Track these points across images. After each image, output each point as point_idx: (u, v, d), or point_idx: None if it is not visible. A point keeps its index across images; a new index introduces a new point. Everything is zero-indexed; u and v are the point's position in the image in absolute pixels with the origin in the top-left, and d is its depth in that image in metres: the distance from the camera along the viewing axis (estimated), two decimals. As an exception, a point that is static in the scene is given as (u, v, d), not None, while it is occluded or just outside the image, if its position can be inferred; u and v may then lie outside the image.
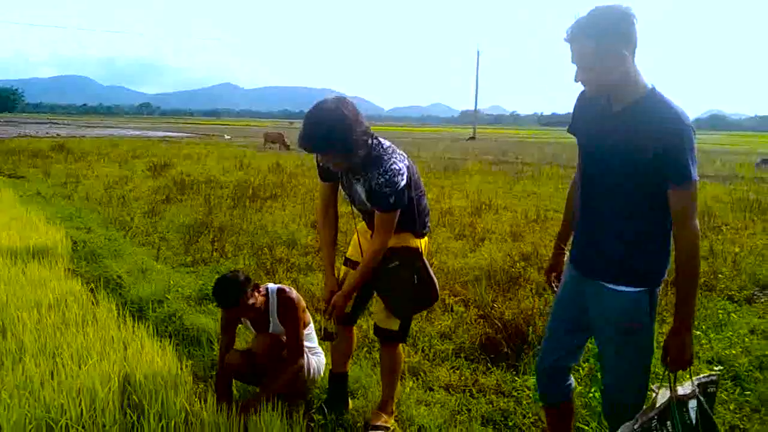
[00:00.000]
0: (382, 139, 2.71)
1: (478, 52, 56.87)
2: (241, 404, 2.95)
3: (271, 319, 3.14)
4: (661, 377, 2.10)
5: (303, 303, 3.20)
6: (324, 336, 2.98)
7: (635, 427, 2.04)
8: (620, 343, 2.15)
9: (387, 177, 2.58)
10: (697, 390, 2.04)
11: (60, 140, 24.45)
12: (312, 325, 3.34)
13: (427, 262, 2.84)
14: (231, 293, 2.92)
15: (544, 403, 2.52)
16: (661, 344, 2.07)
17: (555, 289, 2.57)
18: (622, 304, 2.10)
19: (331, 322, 2.88)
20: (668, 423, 2.02)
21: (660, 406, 2.04)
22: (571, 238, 2.37)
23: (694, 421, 2.01)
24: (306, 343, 3.20)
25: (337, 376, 3.13)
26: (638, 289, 2.07)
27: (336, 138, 2.47)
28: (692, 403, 2.03)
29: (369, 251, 2.73)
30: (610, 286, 2.11)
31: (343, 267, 3.00)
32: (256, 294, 3.01)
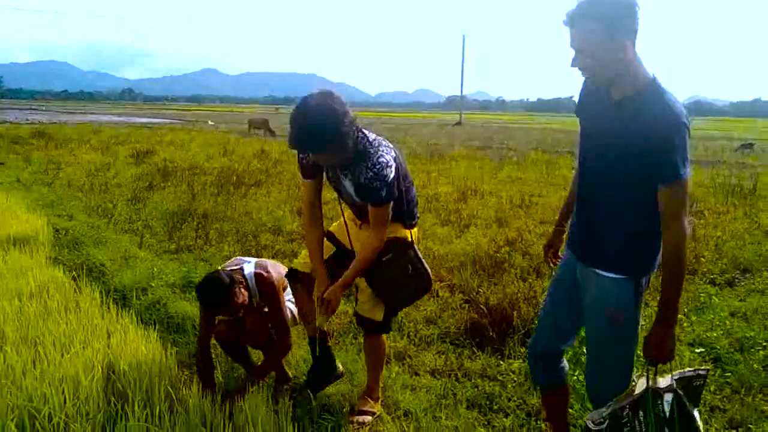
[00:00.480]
0: (367, 132, 2.68)
1: (463, 37, 56.65)
2: (231, 391, 2.97)
3: (254, 301, 3.10)
4: (642, 368, 2.10)
5: (281, 280, 3.13)
6: (320, 334, 2.96)
7: (604, 414, 2.06)
8: (604, 330, 2.16)
9: (376, 170, 2.56)
10: (675, 384, 2.04)
11: (40, 126, 24.06)
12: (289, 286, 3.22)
13: (419, 252, 2.84)
14: (219, 297, 2.88)
15: (538, 387, 2.55)
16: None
17: (551, 265, 2.59)
18: (608, 290, 2.11)
19: (324, 318, 2.83)
20: (641, 414, 2.03)
21: (635, 396, 2.05)
22: (570, 220, 2.37)
23: (667, 414, 2.02)
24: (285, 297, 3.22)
25: (315, 340, 2.99)
26: (624, 277, 2.08)
27: (328, 135, 2.44)
28: (668, 396, 2.02)
29: (366, 247, 2.70)
30: (599, 271, 2.13)
31: (326, 242, 2.94)
32: (242, 290, 2.96)
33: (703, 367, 2.16)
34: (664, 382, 2.04)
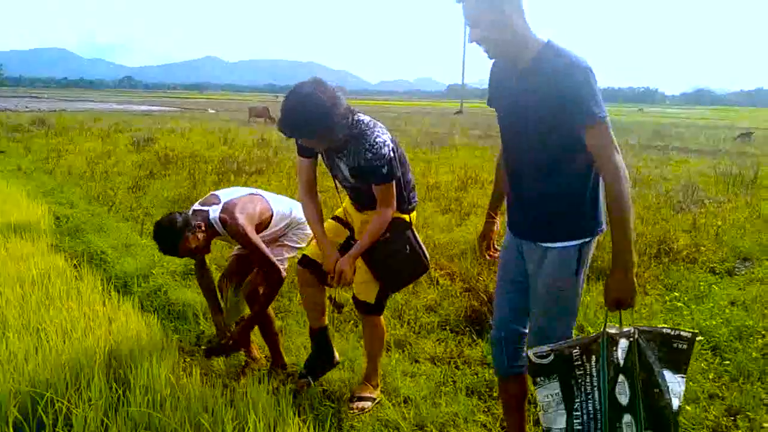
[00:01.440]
0: (361, 115, 2.70)
1: (465, 25, 56.32)
2: (236, 334, 3.13)
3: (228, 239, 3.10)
4: (604, 318, 2.06)
5: (254, 216, 3.07)
6: (334, 306, 2.99)
7: (547, 349, 2.00)
8: (545, 302, 2.16)
9: (374, 151, 2.60)
10: (636, 333, 1.99)
11: (40, 114, 24.02)
12: (276, 220, 3.23)
13: (417, 235, 2.87)
14: (167, 241, 2.91)
15: (498, 375, 2.48)
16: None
17: (487, 257, 2.65)
18: (548, 261, 2.11)
19: (339, 291, 2.86)
20: (593, 358, 1.99)
21: (587, 338, 2.02)
22: (505, 203, 2.38)
23: (621, 362, 1.98)
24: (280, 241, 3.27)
25: (317, 331, 3.09)
26: (567, 244, 2.08)
27: (314, 123, 2.47)
28: (623, 343, 1.98)
29: (376, 220, 2.74)
30: (538, 243, 2.14)
31: (331, 221, 3.00)
32: (197, 236, 2.94)
33: (687, 330, 2.06)
34: (621, 329, 2.01)
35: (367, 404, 2.89)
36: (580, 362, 2.00)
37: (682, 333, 2.02)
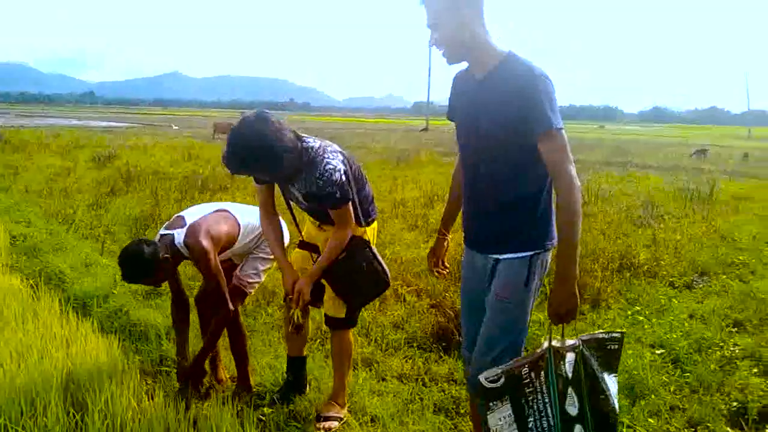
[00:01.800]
0: (310, 141, 2.70)
1: (430, 44, 57.02)
2: (186, 371, 3.08)
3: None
4: (547, 330, 2.08)
5: (220, 237, 2.99)
6: (292, 327, 2.96)
7: (499, 371, 1.99)
8: (494, 304, 2.15)
9: (325, 178, 2.61)
10: (581, 345, 2.01)
11: (-3, 130, 23.37)
12: (246, 232, 3.16)
13: (375, 249, 2.87)
14: (132, 272, 2.86)
15: (469, 392, 2.46)
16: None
17: (436, 275, 2.71)
18: (498, 273, 2.12)
19: (298, 312, 2.84)
20: (542, 374, 2.00)
21: (535, 355, 2.02)
22: (461, 219, 2.39)
23: (570, 376, 2.00)
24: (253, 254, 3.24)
25: (295, 360, 3.14)
26: (517, 255, 2.09)
27: (258, 159, 2.49)
28: (570, 357, 2.00)
29: (332, 241, 2.75)
30: (490, 256, 2.15)
31: (298, 250, 3.00)
32: (163, 267, 2.89)
33: (616, 330, 2.12)
34: (567, 342, 2.02)
35: (334, 424, 2.86)
36: (528, 380, 2.00)
37: (613, 334, 2.08)
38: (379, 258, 2.88)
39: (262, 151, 2.47)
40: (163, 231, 3.07)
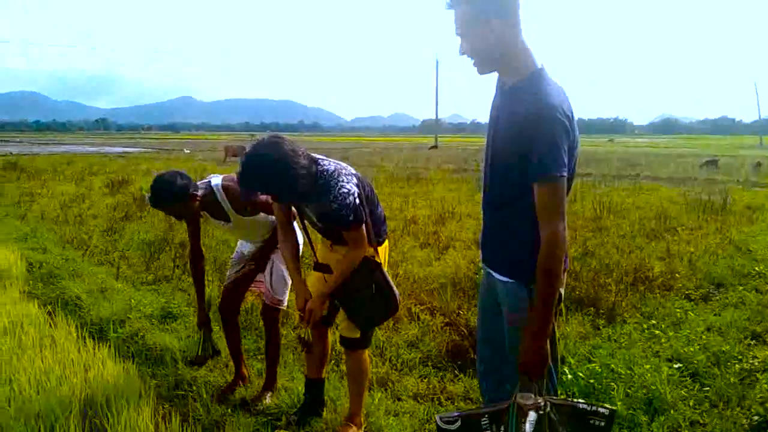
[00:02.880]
0: (325, 164, 2.72)
1: (437, 61, 57.54)
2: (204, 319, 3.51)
3: (227, 211, 3.24)
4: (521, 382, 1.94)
5: None
6: (302, 344, 2.99)
7: (456, 414, 1.93)
8: (510, 334, 2.09)
9: (339, 202, 2.62)
10: (546, 406, 1.86)
11: (12, 158, 23.71)
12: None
13: (385, 271, 2.85)
14: (160, 196, 3.06)
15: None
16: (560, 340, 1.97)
17: None
18: (504, 293, 2.08)
19: (308, 330, 2.87)
20: (502, 428, 1.89)
21: (497, 406, 1.92)
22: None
23: None
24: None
25: (313, 381, 3.16)
26: (515, 282, 2.03)
27: (271, 182, 2.53)
28: (532, 416, 1.85)
29: (345, 260, 2.77)
30: (495, 275, 2.11)
31: (313, 273, 3.01)
32: (190, 203, 3.10)
33: (605, 405, 1.92)
34: (533, 399, 1.88)
35: (351, 444, 2.86)
36: (489, 431, 1.90)
37: (599, 409, 1.90)
38: (390, 280, 2.86)
39: (276, 173, 2.50)
40: (197, 183, 3.27)
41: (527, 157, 1.85)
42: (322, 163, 2.71)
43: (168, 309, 4.74)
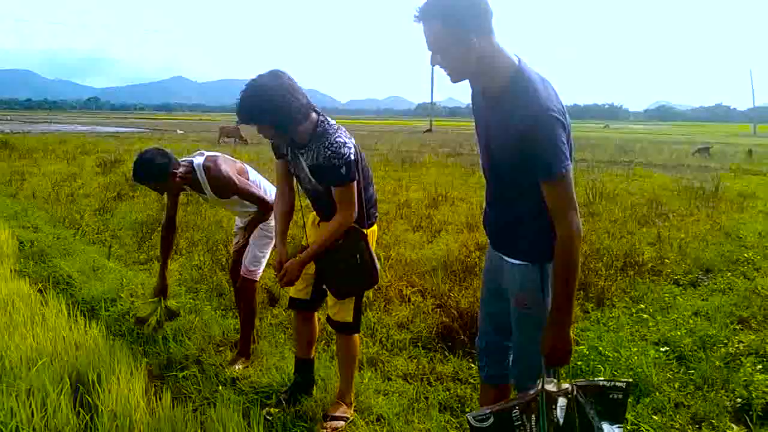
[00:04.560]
0: (329, 118, 2.74)
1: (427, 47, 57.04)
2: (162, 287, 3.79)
3: (206, 190, 3.39)
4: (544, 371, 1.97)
5: (236, 165, 3.49)
6: (269, 300, 3.00)
7: (488, 411, 1.95)
8: (518, 316, 2.12)
9: (333, 149, 2.62)
10: (575, 390, 1.92)
11: (3, 137, 23.46)
12: (256, 181, 3.57)
13: (369, 244, 2.82)
14: (142, 171, 3.20)
15: (482, 380, 2.44)
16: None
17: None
18: (513, 276, 2.09)
19: (278, 286, 2.83)
20: (533, 417, 1.92)
21: (527, 397, 1.95)
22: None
23: (561, 421, 1.90)
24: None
25: (303, 361, 3.17)
26: (527, 263, 2.05)
27: (269, 110, 2.53)
28: (561, 402, 1.90)
29: (332, 223, 2.72)
30: (504, 257, 2.13)
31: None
32: (171, 179, 3.25)
33: (622, 379, 1.99)
34: (560, 386, 1.93)
35: (341, 423, 2.89)
36: (520, 422, 1.93)
37: (617, 384, 1.98)
38: (373, 253, 2.83)
39: (273, 101, 2.50)
40: (180, 160, 3.40)
41: (531, 159, 1.86)
42: (324, 116, 2.71)
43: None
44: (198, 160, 3.36)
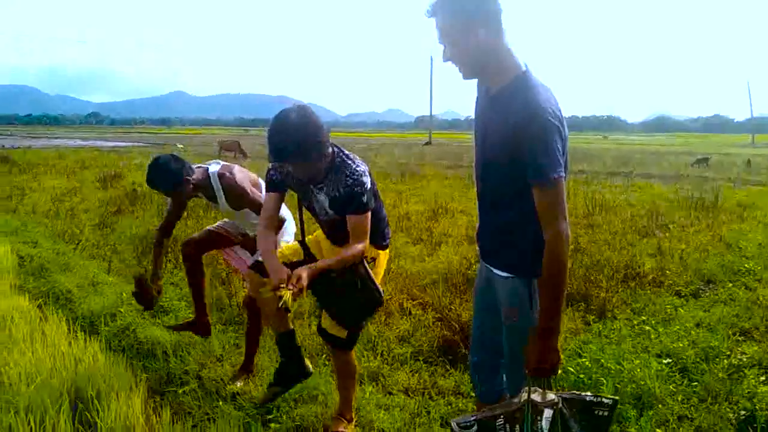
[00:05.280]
0: (343, 149, 2.73)
1: (431, 58, 57.46)
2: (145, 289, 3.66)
3: (219, 200, 3.40)
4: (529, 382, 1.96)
5: (251, 176, 3.50)
6: (283, 306, 2.94)
7: (473, 419, 1.94)
8: (508, 330, 2.11)
9: (355, 178, 2.62)
10: (560, 402, 1.90)
11: (3, 152, 23.53)
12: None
13: (368, 267, 2.77)
14: (156, 176, 3.22)
15: (476, 397, 2.42)
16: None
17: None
18: (503, 289, 2.08)
19: (289, 296, 2.52)
20: (517, 427, 1.91)
21: (512, 406, 1.94)
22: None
23: None
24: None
25: (283, 335, 2.93)
26: (514, 276, 2.04)
27: (309, 146, 2.48)
28: (547, 413, 1.89)
29: (348, 250, 2.63)
30: (493, 270, 2.11)
31: (295, 242, 3.04)
32: (185, 187, 3.27)
33: (608, 396, 1.96)
34: (546, 397, 1.92)
35: (342, 438, 2.86)
36: (504, 431, 1.93)
37: (603, 399, 1.96)
38: (372, 276, 2.77)
39: (313, 136, 2.47)
40: (194, 166, 3.41)
41: (523, 162, 1.86)
42: (339, 147, 2.71)
43: (160, 303, 4.72)
44: (213, 168, 3.37)
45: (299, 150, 2.47)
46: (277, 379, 2.98)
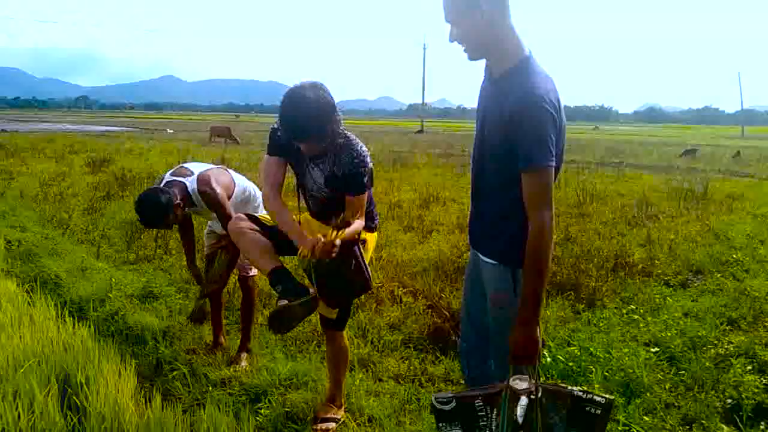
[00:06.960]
0: (344, 127, 2.70)
1: (424, 46, 57.30)
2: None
3: (200, 207, 3.38)
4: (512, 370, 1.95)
5: (225, 180, 3.41)
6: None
7: (451, 395, 1.96)
8: (494, 316, 2.12)
9: (360, 158, 2.62)
10: (538, 392, 1.88)
11: (-9, 135, 23.30)
12: (238, 191, 3.52)
13: (361, 251, 2.74)
14: (151, 217, 3.14)
15: (465, 382, 2.43)
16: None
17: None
18: (489, 275, 2.09)
19: (334, 233, 2.43)
20: (495, 410, 1.91)
21: (491, 389, 1.95)
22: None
23: (520, 420, 1.85)
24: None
25: (275, 271, 2.65)
26: (499, 263, 2.05)
27: (326, 125, 2.47)
28: (523, 401, 1.86)
29: (355, 224, 2.60)
30: (482, 257, 2.12)
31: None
32: (176, 213, 3.19)
33: (604, 395, 1.91)
34: (524, 384, 1.90)
35: (331, 425, 2.87)
36: (483, 412, 1.93)
37: (595, 397, 1.89)
38: (365, 261, 2.76)
39: (328, 112, 2.45)
40: (169, 177, 3.31)
41: (515, 147, 1.86)
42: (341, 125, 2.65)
43: (149, 289, 4.71)
44: (192, 185, 3.27)
45: (317, 130, 2.45)
46: (282, 295, 2.65)
